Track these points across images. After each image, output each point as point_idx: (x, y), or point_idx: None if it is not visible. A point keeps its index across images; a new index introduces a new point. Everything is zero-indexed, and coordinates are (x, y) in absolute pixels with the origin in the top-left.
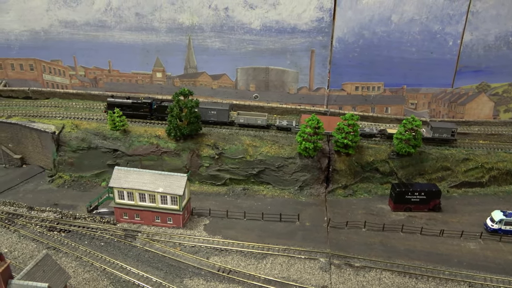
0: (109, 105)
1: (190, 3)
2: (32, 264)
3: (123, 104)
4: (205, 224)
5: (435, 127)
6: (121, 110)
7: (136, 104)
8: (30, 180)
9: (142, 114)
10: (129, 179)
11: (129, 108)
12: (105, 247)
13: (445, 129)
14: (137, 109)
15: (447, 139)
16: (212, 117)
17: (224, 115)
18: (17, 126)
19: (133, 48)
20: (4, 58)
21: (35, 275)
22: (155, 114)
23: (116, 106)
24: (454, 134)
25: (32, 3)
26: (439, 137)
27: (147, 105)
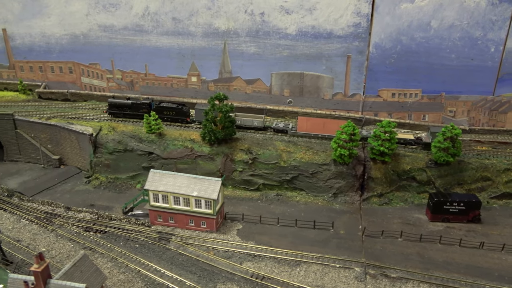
0: (110, 105)
1: (227, 8)
2: (70, 264)
3: (123, 105)
4: (238, 229)
5: (435, 132)
6: (121, 110)
7: (135, 105)
8: (67, 181)
9: (141, 114)
10: (164, 182)
11: (129, 109)
12: (139, 249)
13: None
14: (136, 110)
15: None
16: None
17: None
18: (56, 128)
19: (169, 52)
20: (45, 61)
21: (73, 275)
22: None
23: (116, 106)
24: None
25: (73, 8)
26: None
27: (146, 105)
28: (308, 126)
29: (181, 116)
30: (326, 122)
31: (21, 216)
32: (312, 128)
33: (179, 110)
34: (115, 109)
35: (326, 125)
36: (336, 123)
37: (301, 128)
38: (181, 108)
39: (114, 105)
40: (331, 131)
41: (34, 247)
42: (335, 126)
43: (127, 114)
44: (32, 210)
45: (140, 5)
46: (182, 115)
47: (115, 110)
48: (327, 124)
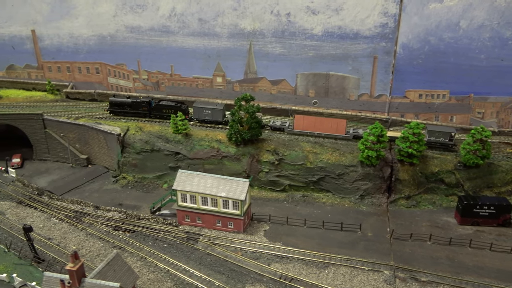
0: (111, 104)
1: (253, 9)
2: (104, 263)
3: (123, 103)
4: (265, 230)
5: (432, 130)
6: (122, 108)
7: (135, 103)
8: (95, 180)
9: (141, 112)
10: (192, 182)
11: (129, 107)
12: (168, 248)
13: (442, 133)
14: (136, 108)
15: (445, 143)
16: (207, 116)
17: (218, 114)
18: (85, 128)
19: (195, 53)
20: (72, 61)
21: (106, 274)
22: (153, 112)
23: (117, 105)
24: (452, 138)
25: (101, 9)
26: (435, 141)
27: (146, 104)
28: (305, 124)
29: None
30: (323, 121)
31: (51, 215)
32: (308, 126)
33: (178, 107)
34: (116, 107)
35: (323, 124)
36: (332, 121)
37: (298, 126)
38: (180, 106)
39: (115, 104)
40: (327, 129)
41: (65, 245)
42: (331, 124)
43: (127, 112)
44: (62, 209)
45: (166, 6)
46: (182, 112)
47: (116, 109)
48: (324, 122)
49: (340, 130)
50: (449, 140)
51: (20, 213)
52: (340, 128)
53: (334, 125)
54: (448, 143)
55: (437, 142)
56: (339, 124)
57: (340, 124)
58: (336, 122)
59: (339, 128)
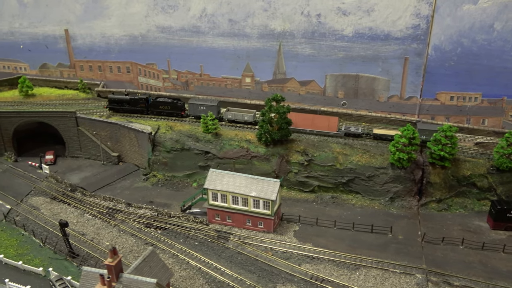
0: (110, 101)
1: (283, 10)
2: (140, 259)
3: (122, 100)
4: (294, 230)
5: (422, 128)
6: (120, 105)
7: (133, 100)
8: (126, 178)
9: (139, 109)
10: (223, 181)
11: (127, 104)
12: (199, 246)
13: (433, 131)
14: (134, 105)
15: None
16: (202, 112)
17: (213, 110)
18: (116, 126)
19: (224, 53)
20: (104, 60)
21: (142, 270)
22: (151, 109)
23: (115, 102)
24: None
25: (133, 10)
26: (425, 139)
27: (144, 100)
28: (298, 121)
29: (176, 110)
30: (315, 118)
31: (84, 211)
32: (302, 123)
33: (174, 104)
34: (115, 104)
35: (315, 120)
36: (324, 118)
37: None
38: (176, 103)
39: (114, 101)
40: (319, 126)
41: (98, 241)
42: (324, 121)
43: (126, 109)
44: (94, 205)
45: (197, 6)
46: (177, 109)
47: (114, 106)
48: (316, 119)
49: (332, 127)
50: None
51: (54, 208)
52: (332, 125)
53: (326, 122)
54: None
55: (428, 141)
56: (331, 121)
57: (332, 121)
58: (328, 119)
59: (331, 125)
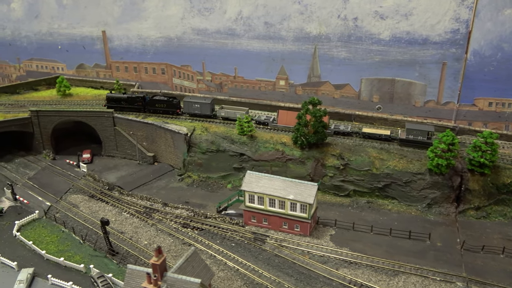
0: (108, 99)
1: (319, 13)
2: (183, 259)
3: (120, 99)
4: (331, 234)
5: (410, 128)
6: (118, 104)
7: (130, 98)
8: (161, 178)
9: (136, 107)
10: (260, 184)
11: (125, 102)
12: (235, 248)
13: (420, 131)
14: (132, 103)
15: (423, 142)
16: (196, 110)
17: (207, 108)
18: (153, 126)
19: (259, 56)
20: (139, 62)
21: (185, 270)
22: (147, 107)
23: (114, 100)
24: (430, 137)
25: (169, 12)
26: (414, 139)
27: (141, 99)
28: (288, 119)
29: (172, 108)
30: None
31: (122, 209)
32: (291, 121)
33: (170, 102)
34: (113, 103)
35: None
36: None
37: (281, 121)
38: (172, 101)
39: (112, 99)
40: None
41: (137, 239)
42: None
43: (124, 107)
44: (132, 204)
45: (233, 9)
46: (173, 107)
47: (112, 104)
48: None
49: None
50: (427, 139)
51: (92, 206)
52: None
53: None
54: (426, 141)
55: (415, 141)
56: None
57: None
58: None
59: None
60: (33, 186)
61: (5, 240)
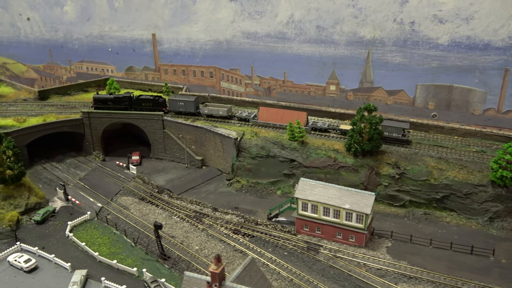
0: (95, 100)
1: (374, 17)
2: (241, 268)
3: (107, 99)
4: (387, 246)
5: (385, 125)
6: (105, 104)
7: (117, 99)
8: (210, 182)
9: (123, 107)
10: (314, 192)
11: (112, 102)
12: (288, 257)
13: (395, 128)
14: (119, 103)
15: (398, 138)
16: (181, 107)
17: (191, 106)
18: (202, 130)
19: (309, 60)
20: (188, 65)
21: (243, 279)
22: (134, 106)
23: (100, 101)
24: (405, 134)
25: (219, 15)
26: (389, 136)
27: (127, 98)
28: (268, 115)
29: (158, 106)
30: (284, 113)
31: (172, 213)
32: (271, 117)
33: (156, 101)
34: (100, 103)
35: (284, 115)
36: (293, 113)
37: (262, 118)
38: (157, 100)
39: (99, 100)
40: (287, 121)
41: (188, 244)
42: (293, 116)
43: (111, 107)
44: (181, 208)
45: (285, 13)
46: (158, 105)
47: (100, 105)
48: (285, 114)
49: (300, 122)
50: (402, 136)
51: (142, 209)
52: (300, 120)
53: (296, 117)
54: (401, 138)
55: (390, 138)
56: (300, 116)
57: (301, 116)
58: (298, 114)
59: (299, 120)
60: (84, 186)
61: (58, 240)
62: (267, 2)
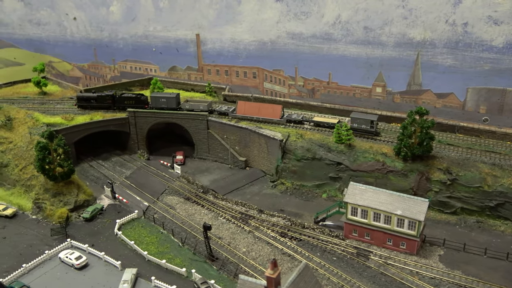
0: (78, 99)
1: (425, 18)
2: (296, 274)
3: (90, 98)
4: (439, 254)
5: (354, 117)
6: (88, 102)
7: (100, 97)
8: (254, 183)
9: (106, 105)
10: (364, 196)
11: (95, 101)
12: (337, 262)
13: (363, 120)
14: (102, 101)
15: (367, 130)
16: (163, 104)
17: (172, 102)
18: (247, 131)
19: (355, 61)
20: (231, 65)
21: (298, 285)
22: (116, 104)
23: (84, 99)
24: (373, 126)
25: (265, 15)
26: (357, 127)
27: (110, 97)
28: (246, 109)
29: (140, 104)
30: (261, 107)
31: (218, 214)
32: (249, 111)
33: (138, 99)
34: (83, 102)
35: (261, 109)
36: (269, 107)
37: (240, 111)
38: (140, 97)
39: (82, 99)
40: (265, 114)
41: (235, 246)
42: (268, 109)
43: (94, 105)
44: (227, 209)
45: (332, 13)
46: (141, 103)
47: (83, 103)
48: (262, 108)
49: (276, 115)
50: (370, 127)
51: (188, 209)
52: (276, 112)
53: (271, 110)
54: (369, 130)
55: (359, 129)
56: (275, 109)
57: (276, 109)
58: (273, 107)
59: (275, 112)
60: (130, 185)
61: (107, 238)
62: (314, 3)
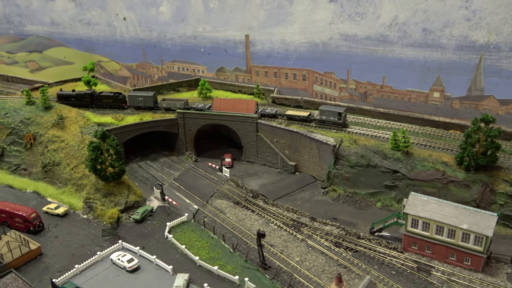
0: (58, 96)
1: (490, 20)
2: None
3: (70, 96)
4: (507, 272)
5: (322, 109)
6: (68, 100)
7: (79, 95)
8: (304, 189)
9: (85, 103)
10: (426, 208)
11: (74, 99)
12: (396, 276)
13: (331, 112)
14: (81, 99)
15: (334, 122)
16: (140, 103)
17: (150, 101)
18: (298, 135)
19: (412, 64)
20: (280, 67)
21: None
22: (95, 102)
23: (64, 97)
24: (341, 117)
25: (317, 16)
26: (326, 119)
27: (89, 95)
28: (221, 105)
29: (118, 102)
30: (235, 102)
31: (269, 220)
32: (224, 107)
33: (116, 97)
34: (63, 99)
35: (236, 104)
36: (243, 102)
37: (216, 108)
38: (118, 96)
39: (62, 96)
40: (240, 109)
41: (288, 254)
42: (243, 105)
43: (73, 103)
44: (278, 215)
45: (388, 14)
46: (119, 101)
47: (63, 101)
48: (237, 103)
49: (250, 110)
50: (338, 119)
51: (238, 213)
52: (250, 108)
53: (245, 106)
54: (337, 121)
55: (328, 121)
56: (250, 105)
57: (250, 105)
58: (247, 102)
59: (249, 108)
60: (179, 187)
61: (157, 240)
62: (369, 3)
